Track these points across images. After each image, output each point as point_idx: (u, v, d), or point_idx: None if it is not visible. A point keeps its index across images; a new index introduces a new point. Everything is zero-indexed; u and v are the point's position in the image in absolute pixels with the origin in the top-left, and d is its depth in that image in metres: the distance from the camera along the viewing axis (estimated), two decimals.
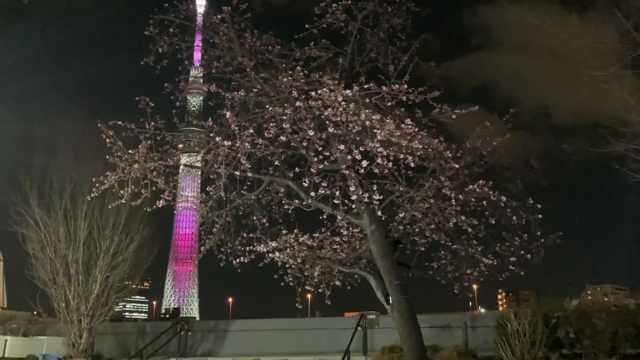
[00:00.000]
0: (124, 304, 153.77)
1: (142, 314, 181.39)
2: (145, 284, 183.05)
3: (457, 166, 10.89)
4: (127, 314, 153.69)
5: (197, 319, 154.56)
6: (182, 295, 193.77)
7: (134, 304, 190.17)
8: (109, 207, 15.40)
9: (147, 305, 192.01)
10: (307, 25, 11.88)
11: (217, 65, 11.93)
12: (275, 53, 12.18)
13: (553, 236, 11.96)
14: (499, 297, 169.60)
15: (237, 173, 10.68)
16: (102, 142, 11.23)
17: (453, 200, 11.19)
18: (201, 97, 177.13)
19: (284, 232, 12.12)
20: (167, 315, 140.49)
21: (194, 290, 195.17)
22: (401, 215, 11.89)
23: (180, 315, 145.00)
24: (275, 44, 12.33)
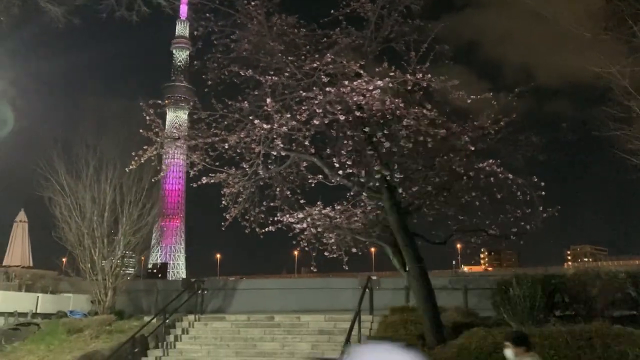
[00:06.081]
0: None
1: (130, 269, 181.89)
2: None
3: (472, 148, 11.60)
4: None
5: (184, 275, 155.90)
6: (168, 250, 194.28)
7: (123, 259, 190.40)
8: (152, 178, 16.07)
9: (133, 260, 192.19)
10: (332, 11, 12.41)
11: (246, 48, 12.43)
12: (301, 35, 12.55)
13: (552, 210, 13.03)
14: (482, 255, 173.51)
15: (274, 153, 11.44)
16: (119, 114, 11.90)
17: (464, 177, 12.10)
18: (187, 52, 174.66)
19: (302, 202, 12.94)
20: (154, 271, 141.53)
21: (180, 246, 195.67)
22: (414, 189, 12.80)
23: (168, 270, 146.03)
24: (301, 27, 12.62)
